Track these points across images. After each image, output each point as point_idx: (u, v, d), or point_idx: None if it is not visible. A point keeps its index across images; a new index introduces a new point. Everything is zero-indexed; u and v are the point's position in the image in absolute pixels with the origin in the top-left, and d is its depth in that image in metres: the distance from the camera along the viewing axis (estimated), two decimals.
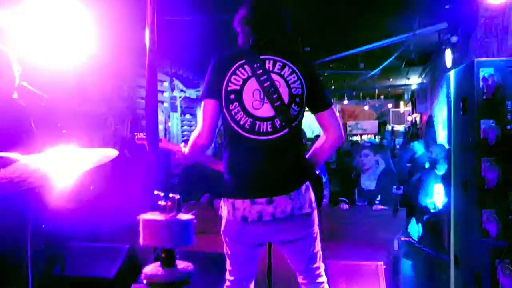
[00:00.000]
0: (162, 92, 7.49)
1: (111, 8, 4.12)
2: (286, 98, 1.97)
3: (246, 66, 1.97)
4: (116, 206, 3.91)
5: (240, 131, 1.97)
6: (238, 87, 1.96)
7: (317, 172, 2.25)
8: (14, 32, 3.48)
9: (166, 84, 7.53)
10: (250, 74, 1.97)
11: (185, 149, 2.19)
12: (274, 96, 1.95)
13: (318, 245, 2.12)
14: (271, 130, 1.97)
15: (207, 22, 4.99)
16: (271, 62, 1.99)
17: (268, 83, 1.96)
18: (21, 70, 2.38)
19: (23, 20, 3.47)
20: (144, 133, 2.88)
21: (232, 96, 1.97)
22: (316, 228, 2.09)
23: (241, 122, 1.97)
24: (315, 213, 2.07)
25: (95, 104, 5.50)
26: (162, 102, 7.44)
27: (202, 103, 2.02)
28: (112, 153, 1.58)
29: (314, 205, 2.04)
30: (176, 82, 7.81)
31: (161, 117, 7.27)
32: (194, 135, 2.06)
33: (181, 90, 8.04)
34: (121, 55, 5.64)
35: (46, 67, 3.52)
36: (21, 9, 3.44)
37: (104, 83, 5.72)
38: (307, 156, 2.14)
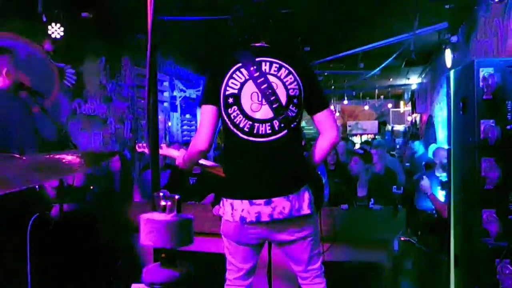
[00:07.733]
0: (162, 92, 7.49)
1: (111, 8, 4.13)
2: (283, 100, 1.97)
3: (242, 69, 1.98)
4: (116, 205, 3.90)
5: (239, 133, 1.98)
6: (236, 91, 1.97)
7: (318, 173, 2.24)
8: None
9: (166, 84, 7.54)
10: (247, 77, 1.97)
11: (186, 155, 2.20)
12: (272, 98, 1.96)
13: (318, 247, 2.11)
14: (270, 131, 1.97)
15: (207, 21, 4.99)
16: (267, 63, 1.99)
17: (266, 85, 1.96)
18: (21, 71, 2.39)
19: None
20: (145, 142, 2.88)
21: (230, 100, 1.97)
22: (316, 230, 2.08)
23: (241, 125, 1.97)
24: (314, 214, 2.07)
25: (95, 104, 5.51)
26: (162, 102, 7.45)
27: (201, 108, 2.03)
28: (112, 153, 1.58)
29: (313, 206, 2.03)
30: (176, 82, 7.82)
31: (161, 117, 7.29)
32: (193, 140, 2.08)
33: (181, 90, 8.04)
34: (121, 55, 5.63)
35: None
36: None
37: (104, 83, 5.72)
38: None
